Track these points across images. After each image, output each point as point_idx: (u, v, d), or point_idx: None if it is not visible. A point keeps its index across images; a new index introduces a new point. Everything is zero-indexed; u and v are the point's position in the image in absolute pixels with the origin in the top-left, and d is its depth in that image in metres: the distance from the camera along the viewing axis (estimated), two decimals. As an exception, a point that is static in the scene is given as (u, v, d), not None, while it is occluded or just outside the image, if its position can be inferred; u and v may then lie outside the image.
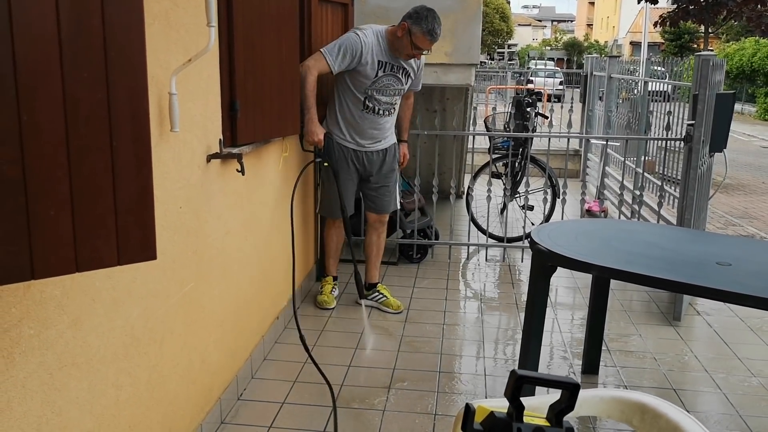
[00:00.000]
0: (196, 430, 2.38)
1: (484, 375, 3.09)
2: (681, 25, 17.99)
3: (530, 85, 14.33)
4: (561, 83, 19.70)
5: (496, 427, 0.98)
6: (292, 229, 3.08)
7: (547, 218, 5.05)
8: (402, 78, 3.53)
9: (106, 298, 1.76)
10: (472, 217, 5.10)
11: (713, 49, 21.96)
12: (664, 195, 4.64)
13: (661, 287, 2.40)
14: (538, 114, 5.48)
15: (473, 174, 5.37)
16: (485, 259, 4.88)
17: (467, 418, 0.99)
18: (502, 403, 1.01)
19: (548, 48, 48.35)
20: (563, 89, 18.64)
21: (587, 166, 7.01)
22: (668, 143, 4.88)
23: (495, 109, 8.78)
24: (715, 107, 3.85)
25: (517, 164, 5.31)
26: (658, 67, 6.48)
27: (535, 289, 2.62)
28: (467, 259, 4.89)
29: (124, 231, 1.35)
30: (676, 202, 4.26)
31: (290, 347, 3.28)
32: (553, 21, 73.50)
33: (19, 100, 1.15)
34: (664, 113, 4.78)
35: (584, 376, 3.09)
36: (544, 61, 31.90)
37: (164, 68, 1.95)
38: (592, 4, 57.36)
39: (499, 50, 41.08)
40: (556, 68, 25.90)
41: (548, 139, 5.24)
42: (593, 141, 6.91)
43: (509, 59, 34.93)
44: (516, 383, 0.97)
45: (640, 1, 15.60)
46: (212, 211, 2.44)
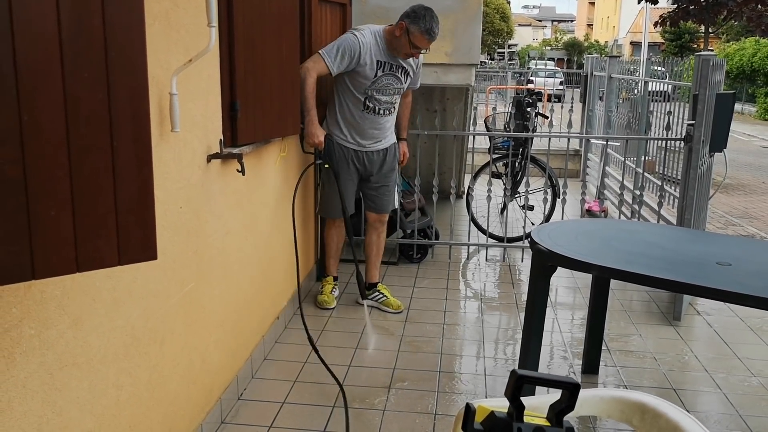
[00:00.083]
0: (196, 430, 2.38)
1: (484, 375, 3.09)
2: (681, 25, 18.02)
3: (530, 85, 14.34)
4: (561, 83, 19.72)
5: (496, 427, 0.98)
6: (294, 230, 3.08)
7: (547, 218, 5.05)
8: (401, 77, 3.54)
9: (107, 298, 1.76)
10: (472, 217, 5.10)
11: (713, 49, 21.97)
12: (664, 195, 4.64)
13: (661, 287, 2.41)
14: (539, 114, 5.48)
15: (473, 174, 5.37)
16: (485, 259, 4.88)
17: (467, 418, 1.00)
18: (502, 402, 1.01)
19: (548, 48, 48.36)
20: (563, 89, 18.68)
21: (587, 166, 7.01)
22: (668, 143, 4.89)
23: (495, 109, 8.77)
24: (715, 107, 3.85)
25: (517, 164, 5.31)
26: (658, 67, 6.47)
27: (535, 288, 2.63)
28: (467, 259, 4.89)
29: (124, 231, 1.35)
30: (676, 202, 4.26)
31: (291, 347, 3.28)
32: (553, 21, 73.49)
33: (19, 100, 1.15)
34: (664, 113, 4.78)
35: (584, 376, 3.09)
36: (545, 61, 31.91)
37: (165, 68, 1.95)
38: (593, 4, 57.35)
39: (500, 50, 41.10)
40: (557, 68, 25.93)
41: (548, 139, 5.24)
42: (593, 141, 6.91)
43: (509, 59, 34.95)
44: (516, 383, 0.97)
45: (640, 1, 15.61)
46: (213, 211, 2.44)
